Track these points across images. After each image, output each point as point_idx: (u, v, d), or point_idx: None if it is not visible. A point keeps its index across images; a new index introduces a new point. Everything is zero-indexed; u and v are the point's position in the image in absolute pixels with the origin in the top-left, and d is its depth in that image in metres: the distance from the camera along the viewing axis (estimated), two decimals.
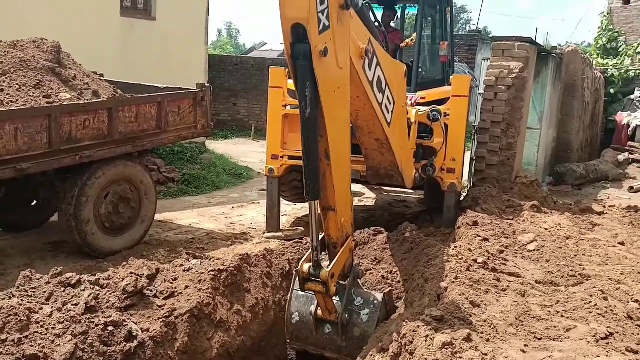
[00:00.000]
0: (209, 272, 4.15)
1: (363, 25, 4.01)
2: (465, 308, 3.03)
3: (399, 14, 8.04)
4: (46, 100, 5.05)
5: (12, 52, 5.31)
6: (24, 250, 5.82)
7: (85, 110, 5.27)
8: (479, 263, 3.86)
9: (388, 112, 4.63)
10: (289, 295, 4.14)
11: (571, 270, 3.96)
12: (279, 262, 4.87)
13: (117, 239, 5.80)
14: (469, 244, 4.32)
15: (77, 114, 5.19)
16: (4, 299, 3.48)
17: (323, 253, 3.76)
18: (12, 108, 4.75)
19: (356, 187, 9.94)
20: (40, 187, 5.95)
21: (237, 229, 7.11)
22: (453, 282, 3.50)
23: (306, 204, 8.03)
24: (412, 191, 8.12)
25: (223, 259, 4.45)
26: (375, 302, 3.81)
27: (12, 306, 3.34)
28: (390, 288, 4.20)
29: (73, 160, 5.22)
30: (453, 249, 4.15)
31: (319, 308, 3.86)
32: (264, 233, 6.83)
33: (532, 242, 4.82)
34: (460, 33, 29.38)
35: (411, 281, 4.23)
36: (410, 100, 6.11)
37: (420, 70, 6.89)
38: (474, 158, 7.17)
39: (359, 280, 4.01)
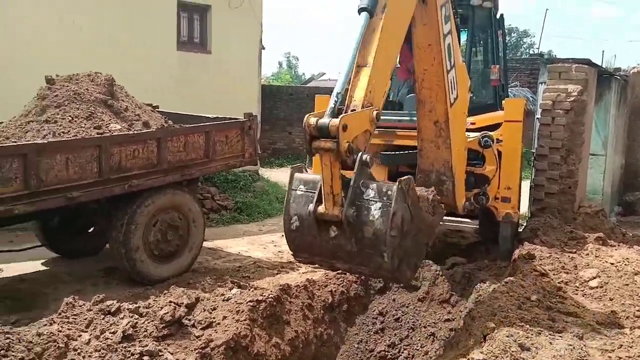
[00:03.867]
0: (247, 302, 4.07)
1: None
2: (513, 351, 2.77)
3: None
4: (97, 131, 5.23)
5: (67, 86, 5.57)
6: (78, 277, 5.98)
7: (135, 141, 5.41)
8: (532, 301, 3.57)
9: (452, 91, 4.64)
10: (285, 197, 3.51)
11: (638, 311, 3.58)
12: (321, 293, 4.74)
13: (165, 266, 5.86)
14: (522, 279, 4.02)
15: (127, 144, 5.33)
16: (45, 325, 3.54)
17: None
18: (64, 139, 4.93)
19: None
20: (95, 215, 6.13)
21: (284, 258, 7.03)
22: (501, 321, 3.24)
23: None
24: (469, 220, 7.75)
25: (262, 289, 4.37)
26: (389, 192, 3.10)
27: (52, 332, 3.39)
28: (409, 176, 3.37)
29: (122, 189, 5.34)
30: (504, 285, 3.86)
31: (321, 204, 3.22)
32: None
33: (594, 277, 4.45)
34: (522, 57, 28.63)
35: (458, 319, 3.96)
36: None
37: (471, 95, 6.65)
38: (533, 186, 6.80)
39: (368, 170, 3.27)
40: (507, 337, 2.96)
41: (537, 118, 7.14)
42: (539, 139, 6.60)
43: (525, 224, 6.60)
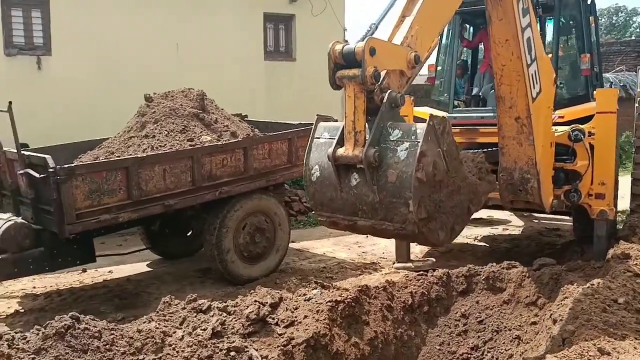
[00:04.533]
0: (326, 302, 4.21)
1: None
2: (591, 356, 2.67)
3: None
4: (189, 143, 5.67)
5: (164, 102, 6.08)
6: (177, 277, 6.51)
7: (224, 150, 5.80)
8: (619, 303, 3.38)
9: (534, 86, 4.53)
10: (307, 146, 3.18)
11: None
12: (400, 294, 4.77)
13: (254, 267, 6.20)
14: (611, 280, 3.81)
15: (217, 153, 5.73)
16: (145, 322, 3.92)
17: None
18: (160, 152, 5.40)
19: (503, 214, 9.39)
20: (192, 220, 6.62)
21: (367, 259, 7.14)
22: (583, 324, 3.11)
23: None
24: (568, 217, 7.34)
25: (342, 290, 4.50)
26: (418, 131, 2.70)
27: (150, 329, 3.76)
28: (444, 115, 2.94)
29: (213, 196, 5.74)
30: (589, 287, 3.69)
31: (341, 146, 2.86)
32: (393, 263, 6.76)
33: None
34: (630, 38, 26.45)
35: (541, 322, 3.84)
36: None
37: (561, 86, 6.34)
38: (633, 180, 6.33)
39: (397, 109, 2.90)
40: (586, 340, 2.85)
41: (637, 106, 6.64)
42: (637, 129, 6.13)
43: (624, 222, 6.16)
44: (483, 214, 9.21)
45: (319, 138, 3.08)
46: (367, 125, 2.85)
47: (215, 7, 9.98)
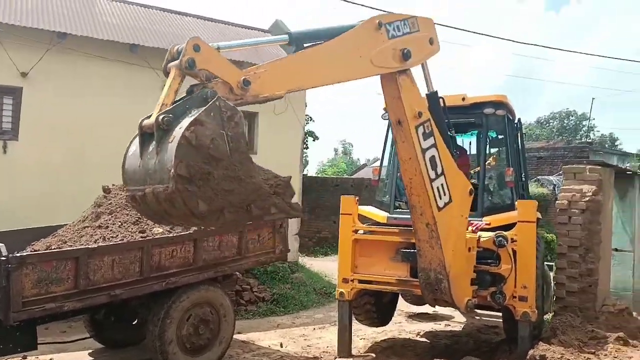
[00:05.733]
0: None
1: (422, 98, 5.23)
2: None
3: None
4: (141, 235, 5.95)
5: (120, 194, 6.41)
6: None
7: (174, 242, 6.08)
8: None
9: (440, 198, 5.23)
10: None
11: None
12: None
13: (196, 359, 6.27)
14: None
15: (167, 245, 6.01)
16: None
17: None
18: (112, 243, 5.67)
19: (446, 311, 9.74)
20: (138, 308, 6.73)
21: (311, 353, 7.29)
22: None
23: (385, 328, 8.06)
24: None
25: None
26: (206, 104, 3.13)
27: None
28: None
29: (160, 286, 5.95)
30: None
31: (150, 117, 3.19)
32: (335, 358, 6.93)
33: None
34: (570, 144, 28.53)
35: None
36: (473, 227, 6.20)
37: (489, 196, 7.00)
38: (555, 284, 6.86)
39: (211, 104, 3.21)
40: None
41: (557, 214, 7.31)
42: (557, 237, 6.75)
43: (548, 323, 6.60)
44: (428, 309, 9.56)
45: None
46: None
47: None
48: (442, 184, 5.27)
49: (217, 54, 3.52)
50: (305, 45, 4.27)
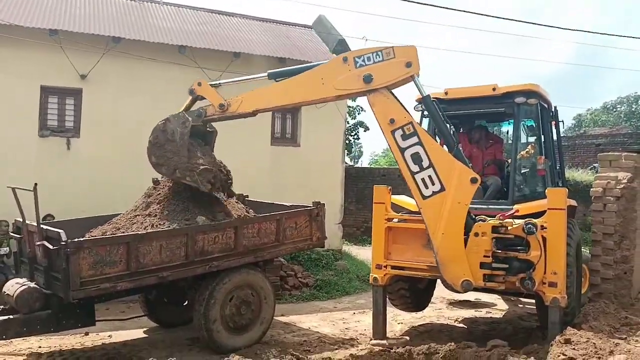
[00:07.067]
0: None
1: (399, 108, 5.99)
2: None
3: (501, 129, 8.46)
4: (186, 222, 6.45)
5: (168, 185, 6.96)
6: (169, 344, 7.08)
7: (216, 229, 6.55)
8: None
9: (426, 188, 5.85)
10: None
11: None
12: None
13: (238, 338, 6.74)
14: None
15: (209, 232, 6.48)
16: None
17: None
18: (159, 229, 6.20)
19: (490, 298, 9.81)
20: (188, 290, 7.29)
21: (348, 335, 7.62)
22: None
23: (424, 313, 8.32)
24: None
25: None
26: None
27: None
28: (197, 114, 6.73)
29: (204, 269, 6.44)
30: None
31: None
32: (370, 340, 7.22)
33: None
34: (637, 131, 27.26)
35: None
36: (501, 216, 6.30)
37: (520, 184, 7.05)
38: (590, 271, 6.85)
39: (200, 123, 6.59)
40: None
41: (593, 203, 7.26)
42: (592, 224, 6.73)
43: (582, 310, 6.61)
44: (470, 296, 9.65)
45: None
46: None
47: None
48: (429, 176, 5.84)
49: (209, 87, 6.56)
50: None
